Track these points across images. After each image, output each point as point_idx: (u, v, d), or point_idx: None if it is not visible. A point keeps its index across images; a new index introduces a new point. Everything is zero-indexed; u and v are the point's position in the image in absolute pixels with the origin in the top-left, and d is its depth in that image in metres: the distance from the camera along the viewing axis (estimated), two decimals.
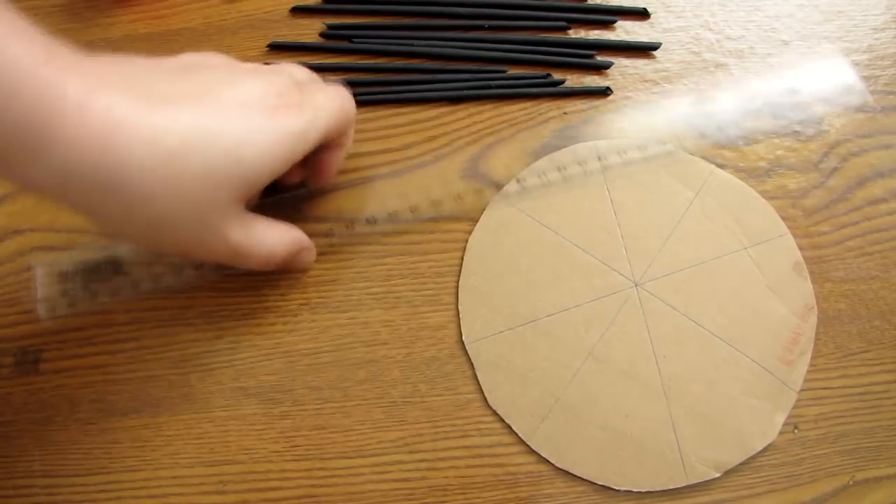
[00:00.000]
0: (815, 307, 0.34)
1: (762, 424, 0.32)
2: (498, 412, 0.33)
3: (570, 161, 0.37)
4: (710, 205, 0.36)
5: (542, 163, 0.37)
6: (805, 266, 0.35)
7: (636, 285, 0.35)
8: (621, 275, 0.35)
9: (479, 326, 0.34)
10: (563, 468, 0.32)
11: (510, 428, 0.33)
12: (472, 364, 0.34)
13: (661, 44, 0.39)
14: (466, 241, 0.36)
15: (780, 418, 0.33)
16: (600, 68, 0.39)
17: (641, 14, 0.40)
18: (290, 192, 0.36)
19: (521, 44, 0.40)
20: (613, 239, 0.35)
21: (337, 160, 0.34)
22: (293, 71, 0.32)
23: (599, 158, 0.37)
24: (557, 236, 0.36)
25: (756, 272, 0.35)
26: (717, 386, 0.33)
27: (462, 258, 0.36)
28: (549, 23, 0.40)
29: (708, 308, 0.34)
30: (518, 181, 0.37)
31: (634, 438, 0.32)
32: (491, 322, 0.34)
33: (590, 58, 0.39)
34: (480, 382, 0.33)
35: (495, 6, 0.40)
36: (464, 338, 0.34)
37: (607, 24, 0.40)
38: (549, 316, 0.34)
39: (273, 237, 0.31)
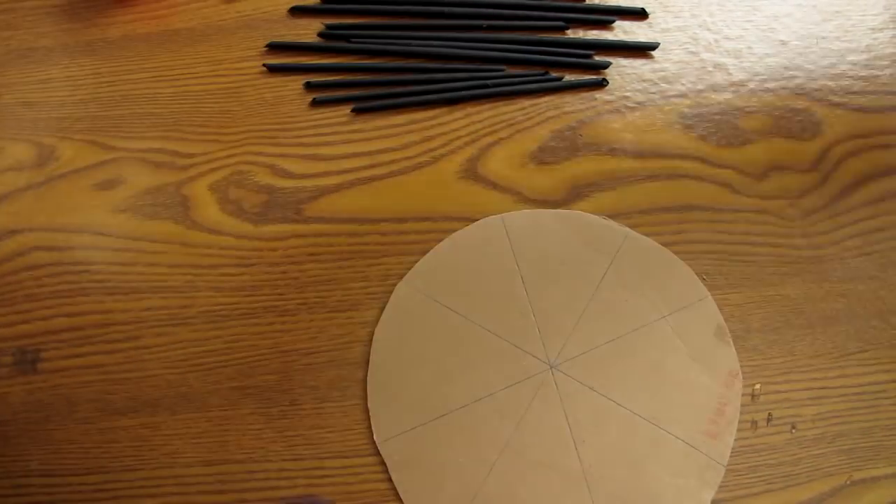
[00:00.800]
0: (740, 373, 0.33)
1: None
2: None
3: (477, 238, 0.35)
4: (626, 272, 0.34)
5: (446, 244, 0.35)
6: (727, 330, 0.34)
7: (551, 367, 0.33)
8: (535, 357, 0.33)
9: (391, 424, 0.33)
10: None
11: None
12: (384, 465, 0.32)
13: (658, 43, 0.39)
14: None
15: (709, 495, 0.31)
16: (598, 68, 0.39)
17: (639, 14, 0.40)
18: None
19: (519, 44, 0.40)
20: (525, 319, 0.34)
21: None
22: None
23: (507, 232, 0.35)
24: (467, 321, 0.34)
25: (677, 342, 0.33)
26: (641, 468, 0.32)
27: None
28: (547, 23, 0.40)
29: (628, 385, 0.33)
30: (425, 261, 0.35)
31: None
32: (402, 419, 0.33)
33: (588, 57, 0.39)
34: (395, 483, 0.32)
35: (493, 6, 0.40)
36: (375, 438, 0.33)
37: (605, 24, 0.40)
38: (461, 408, 0.33)
39: None
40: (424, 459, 0.32)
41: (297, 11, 0.41)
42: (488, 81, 0.38)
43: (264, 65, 0.39)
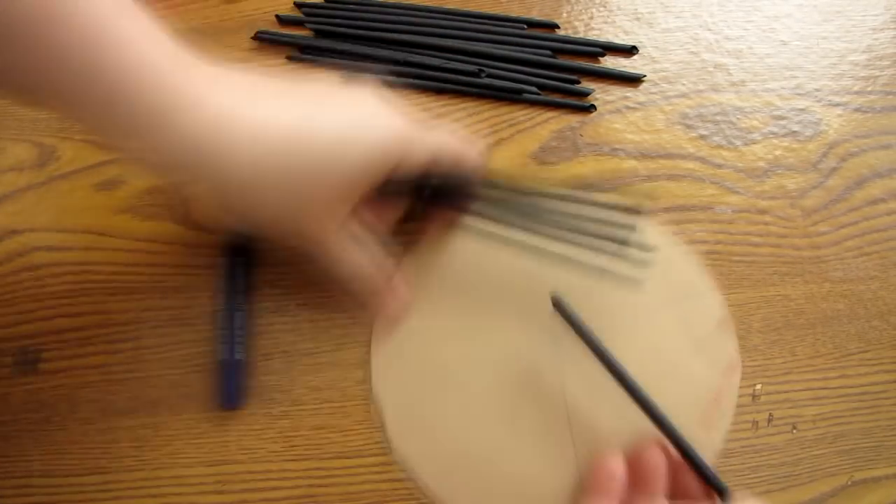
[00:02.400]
0: (740, 366, 0.33)
1: None
2: (404, 466, 0.32)
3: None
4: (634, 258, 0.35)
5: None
6: (731, 323, 0.34)
7: (555, 340, 0.34)
8: (540, 328, 0.34)
9: (390, 374, 0.33)
10: None
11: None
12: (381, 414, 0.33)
13: (644, 75, 0.39)
14: None
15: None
16: (581, 94, 0.38)
17: (629, 51, 0.40)
18: None
19: (505, 60, 0.39)
20: (533, 291, 0.34)
21: (392, 217, 0.34)
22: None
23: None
24: (476, 287, 0.34)
25: (679, 329, 0.34)
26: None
27: None
28: (535, 51, 0.40)
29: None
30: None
31: (544, 498, 0.31)
32: (402, 370, 0.33)
33: (573, 83, 0.38)
34: (388, 434, 0.32)
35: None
36: (373, 386, 0.33)
37: (593, 57, 0.40)
38: (461, 366, 0.33)
39: (354, 261, 0.31)
40: (419, 411, 0.33)
41: (284, 23, 0.41)
42: (480, 71, 0.38)
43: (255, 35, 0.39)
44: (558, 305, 0.32)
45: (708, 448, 0.32)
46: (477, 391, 0.33)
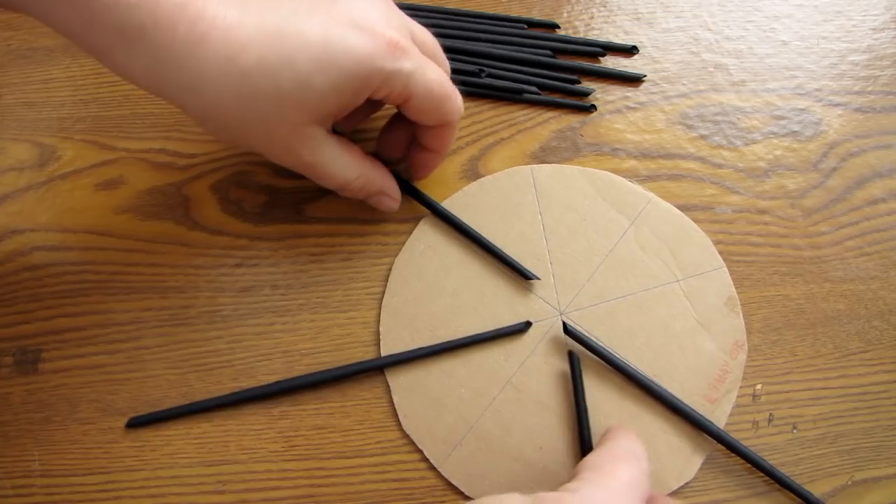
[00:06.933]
0: (746, 344, 0.34)
1: (679, 464, 0.32)
2: (411, 437, 0.33)
3: (504, 184, 0.36)
4: (644, 234, 0.35)
5: (474, 186, 0.37)
6: (738, 302, 0.34)
7: (561, 314, 0.34)
8: (546, 303, 0.34)
9: (399, 348, 0.34)
10: (474, 497, 0.31)
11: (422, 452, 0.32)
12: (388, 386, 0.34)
13: (645, 75, 0.39)
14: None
15: (699, 459, 0.32)
16: (582, 94, 0.38)
17: (629, 51, 0.40)
18: (391, 165, 0.36)
19: (505, 60, 0.39)
20: (542, 265, 0.35)
21: (431, 163, 0.35)
22: (415, 28, 0.31)
23: (535, 182, 0.36)
24: (485, 260, 0.35)
25: (687, 306, 0.34)
26: (636, 421, 0.32)
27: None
28: (536, 51, 0.40)
29: (634, 341, 0.33)
30: (451, 201, 0.36)
31: (547, 471, 0.32)
32: (410, 345, 0.34)
33: (574, 83, 0.39)
34: (395, 405, 0.33)
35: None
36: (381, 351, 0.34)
37: (593, 57, 0.40)
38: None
39: (343, 165, 0.32)
40: (427, 386, 0.33)
41: None
42: (480, 71, 0.38)
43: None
44: (569, 333, 0.33)
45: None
46: (483, 363, 0.33)
